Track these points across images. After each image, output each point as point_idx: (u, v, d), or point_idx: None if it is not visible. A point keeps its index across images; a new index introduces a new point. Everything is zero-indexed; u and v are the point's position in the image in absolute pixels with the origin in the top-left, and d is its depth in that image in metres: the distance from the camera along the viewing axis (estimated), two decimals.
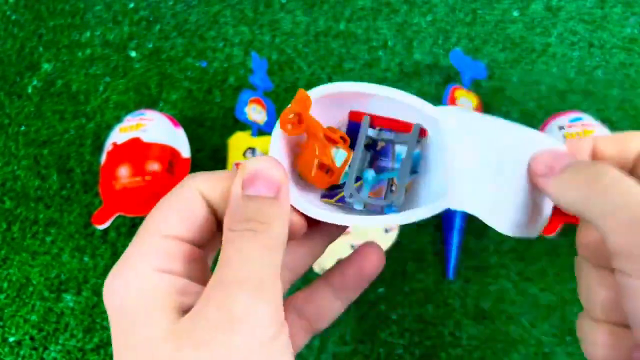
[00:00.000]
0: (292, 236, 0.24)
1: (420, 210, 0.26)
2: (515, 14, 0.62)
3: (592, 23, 0.60)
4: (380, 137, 0.29)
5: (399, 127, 0.29)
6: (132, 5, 0.66)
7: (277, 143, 0.26)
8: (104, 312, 0.48)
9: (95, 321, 0.48)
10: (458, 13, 0.63)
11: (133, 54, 0.62)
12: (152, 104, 0.59)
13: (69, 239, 0.52)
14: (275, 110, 0.57)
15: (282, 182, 0.22)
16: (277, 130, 0.26)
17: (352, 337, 0.47)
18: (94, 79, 0.61)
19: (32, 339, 0.48)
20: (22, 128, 0.59)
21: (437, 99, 0.57)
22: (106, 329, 0.48)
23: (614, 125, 0.53)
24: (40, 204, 0.54)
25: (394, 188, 0.28)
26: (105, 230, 0.52)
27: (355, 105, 0.29)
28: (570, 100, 0.56)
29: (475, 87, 0.57)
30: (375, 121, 0.29)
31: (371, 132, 0.29)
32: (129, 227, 0.52)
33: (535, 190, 0.25)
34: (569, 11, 0.61)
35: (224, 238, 0.21)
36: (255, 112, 0.53)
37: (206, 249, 0.24)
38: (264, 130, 0.53)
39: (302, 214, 0.25)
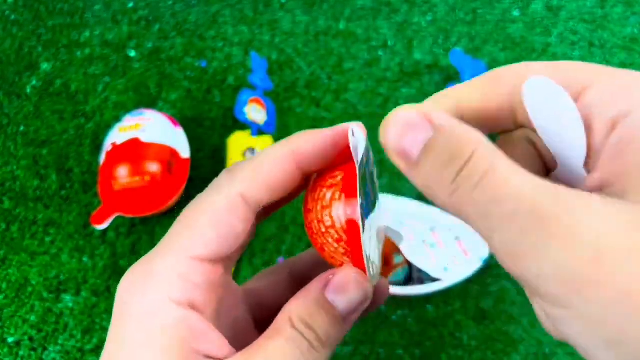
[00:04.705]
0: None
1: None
2: (516, 13, 0.62)
3: (593, 23, 0.60)
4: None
5: None
6: (131, 4, 0.66)
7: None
8: (103, 312, 0.48)
9: (94, 322, 0.48)
10: (458, 12, 0.62)
11: (132, 53, 0.62)
12: (151, 104, 0.59)
13: (68, 239, 0.52)
14: (275, 110, 0.57)
15: (360, 306, 0.19)
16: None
17: (352, 337, 0.47)
18: (93, 78, 0.61)
19: (31, 339, 0.48)
20: (21, 128, 0.59)
21: None
22: (105, 329, 0.47)
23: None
24: (40, 204, 0.54)
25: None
26: (105, 231, 0.52)
27: None
28: None
29: None
30: None
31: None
32: (128, 228, 0.52)
33: None
34: (569, 11, 0.61)
35: (278, 322, 0.19)
36: (255, 112, 0.53)
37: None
38: (263, 130, 0.53)
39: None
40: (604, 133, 0.14)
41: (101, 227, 0.48)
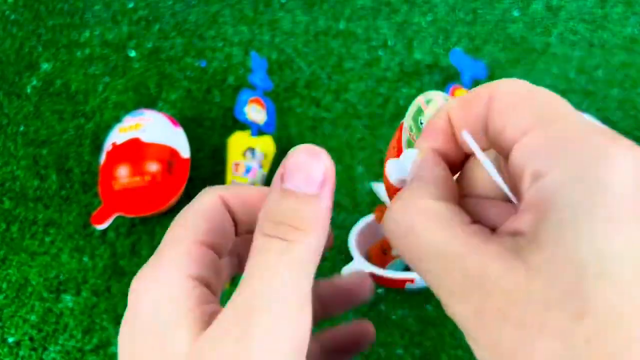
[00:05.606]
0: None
1: None
2: (516, 13, 0.62)
3: (593, 23, 0.60)
4: None
5: None
6: (131, 4, 0.66)
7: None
8: (103, 312, 0.48)
9: (94, 322, 0.48)
10: (458, 12, 0.62)
11: (132, 53, 0.62)
12: (151, 104, 0.59)
13: (68, 239, 0.52)
14: (275, 110, 0.57)
15: (326, 177, 0.18)
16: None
17: None
18: (93, 78, 0.61)
19: (31, 339, 0.48)
20: (21, 128, 0.59)
21: None
22: (105, 329, 0.47)
23: (614, 126, 0.53)
24: (39, 204, 0.54)
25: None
26: (105, 231, 0.52)
27: None
28: (570, 100, 0.55)
29: (475, 86, 0.57)
30: None
31: None
32: (128, 228, 0.52)
33: None
34: (569, 11, 0.61)
35: (253, 243, 0.18)
36: (255, 112, 0.53)
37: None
38: (263, 130, 0.53)
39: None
40: (527, 185, 0.15)
41: (101, 227, 0.48)
